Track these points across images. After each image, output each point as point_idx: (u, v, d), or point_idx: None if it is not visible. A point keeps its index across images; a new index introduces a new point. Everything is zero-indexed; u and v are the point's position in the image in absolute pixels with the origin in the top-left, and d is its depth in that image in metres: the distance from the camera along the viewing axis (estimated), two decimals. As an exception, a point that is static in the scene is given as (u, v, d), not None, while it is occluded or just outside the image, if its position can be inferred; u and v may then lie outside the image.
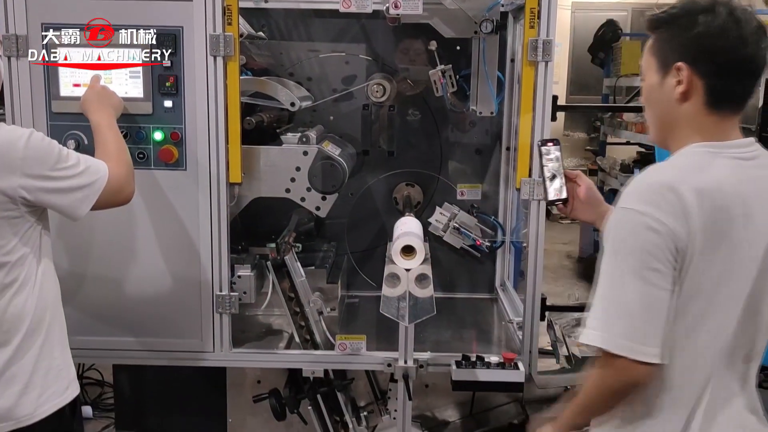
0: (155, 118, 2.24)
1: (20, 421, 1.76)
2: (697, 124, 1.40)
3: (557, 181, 1.79)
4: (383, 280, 2.08)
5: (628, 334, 1.32)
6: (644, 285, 1.31)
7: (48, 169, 1.72)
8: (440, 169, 2.97)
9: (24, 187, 1.69)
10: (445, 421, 2.70)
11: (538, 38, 2.18)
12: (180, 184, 2.27)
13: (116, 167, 1.87)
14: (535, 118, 2.22)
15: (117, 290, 2.33)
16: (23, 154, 1.68)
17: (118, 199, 1.89)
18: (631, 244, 1.31)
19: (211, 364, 2.39)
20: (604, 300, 1.36)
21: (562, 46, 10.14)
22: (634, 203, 1.32)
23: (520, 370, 2.27)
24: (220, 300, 2.33)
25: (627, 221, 1.33)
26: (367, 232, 3.00)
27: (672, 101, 1.41)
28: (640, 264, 1.31)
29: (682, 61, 1.38)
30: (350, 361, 2.38)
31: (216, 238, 2.30)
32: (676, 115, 1.42)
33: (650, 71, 1.46)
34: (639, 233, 1.31)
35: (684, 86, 1.38)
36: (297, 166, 2.36)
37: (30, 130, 1.73)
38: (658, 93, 1.44)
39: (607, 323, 1.34)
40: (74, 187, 1.77)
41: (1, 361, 1.74)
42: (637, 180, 1.37)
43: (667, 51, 1.41)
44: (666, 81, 1.41)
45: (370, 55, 2.91)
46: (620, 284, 1.33)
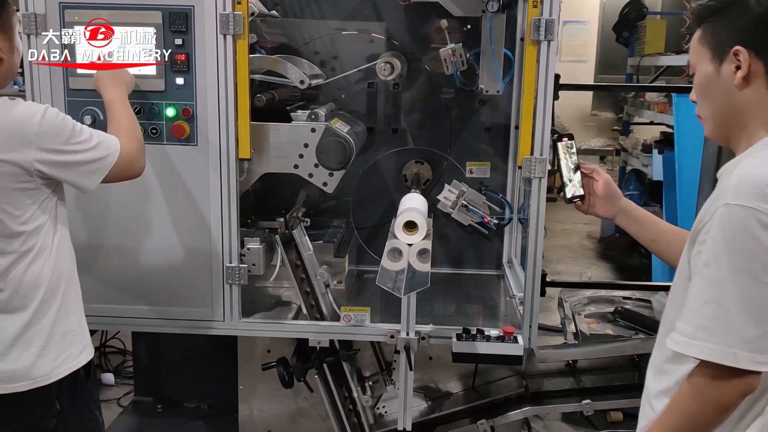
0: (167, 94, 2.31)
1: (37, 381, 1.87)
2: (764, 110, 1.37)
3: (575, 176, 1.75)
4: (384, 254, 2.13)
5: (745, 344, 1.23)
6: (762, 288, 1.24)
7: (61, 143, 1.81)
8: (450, 147, 3.01)
9: (39, 161, 1.78)
10: (448, 392, 2.77)
11: (541, 17, 2.20)
12: (191, 159, 2.35)
13: (128, 143, 1.95)
14: (537, 96, 2.25)
15: (132, 260, 2.43)
16: (38, 130, 1.77)
17: (129, 173, 1.98)
18: (746, 243, 1.23)
19: (220, 333, 2.48)
20: (710, 305, 1.26)
21: (591, 25, 10.07)
22: (745, 199, 1.24)
23: (519, 343, 2.32)
24: (229, 271, 2.41)
25: (739, 219, 1.24)
26: (377, 209, 3.04)
27: (732, 89, 1.38)
28: (757, 266, 1.23)
29: (739, 44, 1.35)
30: (354, 332, 2.46)
31: (226, 212, 2.38)
32: (739, 103, 1.38)
33: (703, 62, 1.42)
34: (754, 232, 1.23)
35: (744, 70, 1.35)
36: (305, 142, 2.42)
37: (45, 106, 1.82)
38: (716, 83, 1.41)
39: (718, 333, 1.24)
40: (86, 161, 1.86)
41: (19, 325, 1.85)
42: (742, 175, 1.29)
43: (721, 38, 1.38)
44: (723, 69, 1.38)
45: (383, 33, 2.95)
46: (732, 288, 1.24)
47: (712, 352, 1.24)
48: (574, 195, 1.73)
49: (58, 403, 1.91)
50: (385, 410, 2.76)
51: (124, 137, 1.96)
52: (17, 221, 1.81)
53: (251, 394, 2.82)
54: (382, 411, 2.76)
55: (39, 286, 1.87)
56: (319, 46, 2.96)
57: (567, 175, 1.72)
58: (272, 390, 2.78)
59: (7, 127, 1.76)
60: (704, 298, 1.26)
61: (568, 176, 1.72)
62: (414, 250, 2.16)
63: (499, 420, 2.65)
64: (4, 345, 1.84)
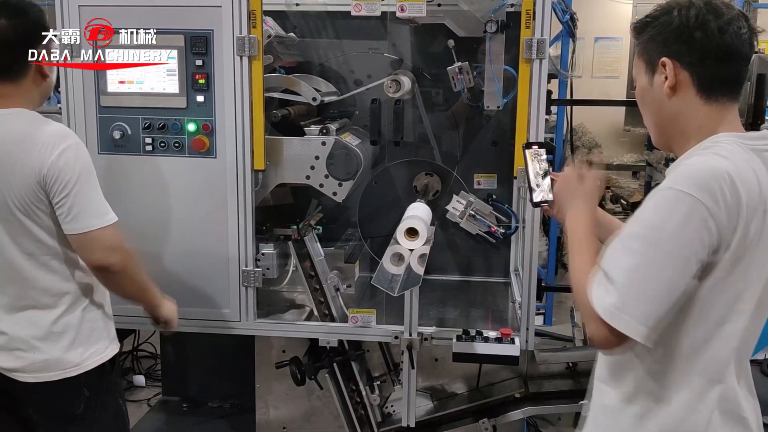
0: (189, 111, 2.52)
1: (67, 372, 2.03)
2: (697, 116, 1.43)
3: (543, 182, 1.80)
4: (386, 257, 2.28)
5: (643, 319, 1.30)
6: (677, 275, 1.30)
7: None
8: (458, 159, 3.16)
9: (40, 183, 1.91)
10: (453, 392, 2.90)
11: (533, 38, 2.36)
12: (211, 170, 2.54)
13: (119, 240, 2.01)
14: (531, 111, 2.40)
15: (156, 263, 2.60)
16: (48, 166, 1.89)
17: (96, 254, 1.97)
18: (679, 229, 1.28)
19: (237, 332, 2.66)
20: (630, 274, 1.31)
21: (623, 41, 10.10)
22: (691, 188, 1.28)
23: (515, 344, 2.45)
24: (245, 275, 2.59)
25: (681, 204, 1.28)
26: (389, 219, 3.18)
27: (663, 98, 1.45)
28: (681, 252, 1.28)
29: (665, 56, 1.43)
30: (361, 333, 2.62)
31: (242, 219, 2.56)
32: (671, 111, 1.45)
33: (640, 74, 1.50)
34: (690, 221, 1.27)
35: (671, 80, 1.42)
36: (316, 155, 2.59)
37: (67, 144, 1.93)
38: (650, 93, 1.48)
39: (628, 303, 1.30)
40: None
41: (50, 320, 2.01)
42: (690, 166, 1.33)
43: (651, 51, 1.46)
44: (655, 80, 1.46)
45: (395, 52, 3.12)
46: (654, 267, 1.30)
47: (613, 317, 1.31)
48: (542, 200, 1.79)
49: (85, 391, 2.07)
50: (393, 409, 2.90)
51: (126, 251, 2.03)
52: (47, 229, 1.96)
53: (267, 393, 2.99)
54: (390, 410, 2.91)
55: (69, 288, 2.03)
56: (335, 65, 3.14)
57: (534, 181, 1.79)
58: (287, 389, 2.93)
59: (27, 145, 1.90)
60: (623, 264, 1.32)
61: (536, 182, 1.79)
62: (415, 255, 2.31)
63: (500, 419, 2.76)
64: (36, 338, 2.00)
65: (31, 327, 2.01)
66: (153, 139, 2.54)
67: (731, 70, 1.43)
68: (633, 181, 9.63)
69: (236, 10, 2.43)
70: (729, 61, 1.41)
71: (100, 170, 2.21)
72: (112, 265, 1.97)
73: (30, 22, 1.96)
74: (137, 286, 2.11)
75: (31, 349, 2.00)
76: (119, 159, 2.56)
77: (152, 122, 2.53)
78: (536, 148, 1.82)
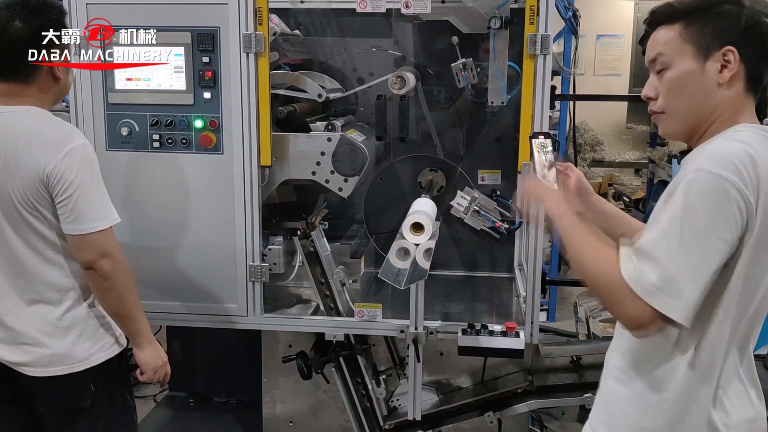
0: (196, 107, 2.54)
1: (74, 366, 2.03)
2: (737, 108, 1.43)
3: (549, 173, 1.80)
4: (392, 252, 2.30)
5: (685, 300, 1.30)
6: (715, 255, 1.30)
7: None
8: (462, 155, 3.18)
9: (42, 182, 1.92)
10: (458, 386, 2.92)
11: (537, 33, 2.37)
12: (218, 166, 2.57)
13: (116, 247, 1.99)
14: (535, 106, 2.42)
15: (164, 259, 2.65)
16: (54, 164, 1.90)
17: (88, 253, 1.96)
18: (715, 209, 1.28)
19: (244, 327, 2.68)
20: (670, 254, 1.31)
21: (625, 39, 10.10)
22: (714, 167, 1.29)
23: (520, 338, 2.47)
24: (252, 270, 2.61)
25: (705, 183, 1.29)
26: (395, 214, 3.19)
27: (713, 87, 1.42)
28: (716, 232, 1.29)
29: (729, 44, 1.39)
30: (367, 327, 2.64)
31: (249, 215, 2.58)
32: (717, 100, 1.43)
33: (684, 59, 1.44)
34: (723, 200, 1.28)
35: (733, 70, 1.40)
36: (322, 151, 2.61)
37: (73, 145, 1.92)
38: (698, 80, 1.43)
39: (669, 283, 1.30)
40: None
41: (57, 314, 2.02)
42: (713, 149, 1.34)
43: (708, 36, 1.42)
44: (708, 66, 1.42)
45: (400, 50, 3.14)
46: (693, 247, 1.30)
47: (643, 290, 1.30)
48: None
49: (92, 386, 2.08)
50: (398, 403, 2.92)
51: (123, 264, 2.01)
52: (51, 226, 1.97)
53: (274, 388, 3.01)
54: (396, 404, 2.93)
55: (74, 284, 2.04)
56: (340, 62, 3.17)
57: (540, 171, 1.80)
58: (294, 383, 2.97)
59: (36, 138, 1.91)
60: (661, 247, 1.31)
61: (542, 172, 1.80)
62: (421, 249, 2.33)
63: (505, 413, 2.79)
64: (43, 333, 2.01)
65: (38, 322, 2.02)
66: (160, 135, 2.56)
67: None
68: (636, 179, 9.64)
69: (242, 8, 2.45)
70: None
71: (108, 167, 2.25)
72: (100, 268, 1.96)
73: (46, 24, 1.94)
74: (123, 306, 2.04)
75: (38, 343, 2.01)
76: (127, 156, 2.59)
77: (160, 119, 2.55)
78: (542, 139, 1.84)
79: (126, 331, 2.13)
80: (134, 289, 2.06)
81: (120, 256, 2.00)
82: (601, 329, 3.66)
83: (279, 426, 3.04)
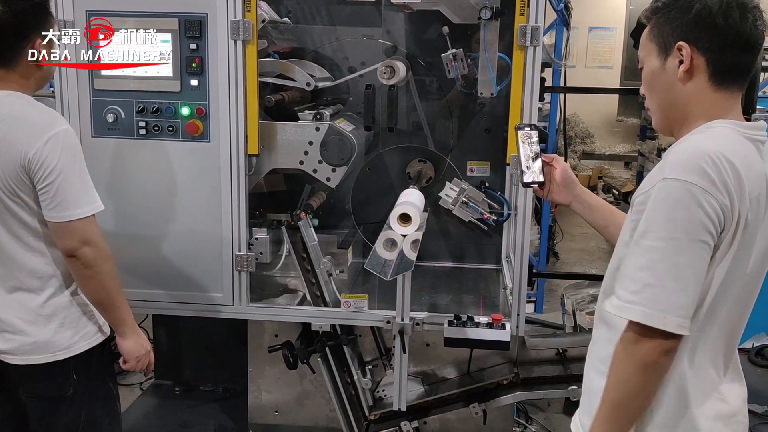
0: (183, 95, 2.51)
1: (56, 355, 2.03)
2: (705, 102, 1.44)
3: (534, 164, 1.84)
4: (379, 243, 2.29)
5: (675, 310, 1.31)
6: (699, 260, 1.32)
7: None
8: (452, 146, 3.17)
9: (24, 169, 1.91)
10: (444, 377, 2.92)
11: (527, 24, 2.36)
12: (204, 154, 2.54)
13: (100, 239, 1.98)
14: (524, 98, 2.41)
15: (150, 248, 2.63)
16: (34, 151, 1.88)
17: (69, 241, 1.94)
18: (677, 213, 1.30)
19: (230, 316, 2.67)
20: (644, 272, 1.34)
21: (617, 32, 10.11)
22: (680, 173, 1.31)
23: (506, 330, 2.47)
24: (238, 259, 2.60)
25: (673, 191, 1.31)
26: (382, 205, 3.18)
27: (675, 82, 1.45)
28: (689, 237, 1.30)
29: (682, 40, 1.43)
30: (354, 318, 2.63)
31: (236, 204, 2.56)
32: (681, 96, 1.46)
33: (650, 57, 1.50)
34: (686, 203, 1.30)
35: (686, 64, 1.43)
36: (310, 140, 2.60)
37: (56, 130, 1.91)
38: (661, 77, 1.48)
39: (651, 298, 1.32)
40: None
41: (38, 302, 2.01)
42: (680, 151, 1.36)
43: (666, 33, 1.46)
44: (668, 63, 1.46)
45: (390, 39, 3.12)
46: (663, 256, 1.32)
47: (644, 315, 1.32)
48: (532, 181, 1.83)
49: (75, 374, 2.08)
50: (384, 393, 2.92)
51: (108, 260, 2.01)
52: (33, 212, 1.96)
53: (260, 377, 3.01)
54: (381, 394, 2.93)
55: (56, 272, 2.03)
56: (329, 51, 3.14)
57: (525, 162, 1.82)
58: (279, 373, 2.96)
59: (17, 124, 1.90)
60: (639, 264, 1.35)
61: (526, 163, 1.82)
62: (408, 240, 2.32)
63: (491, 404, 2.79)
64: (25, 321, 2.01)
65: (19, 309, 2.01)
66: (147, 122, 2.53)
67: (746, 59, 1.44)
68: (625, 171, 9.68)
69: (231, -6, 2.43)
70: (747, 50, 1.43)
71: (93, 154, 2.23)
72: (82, 256, 1.94)
73: (29, 8, 1.92)
74: (105, 294, 2.03)
75: (19, 331, 2.01)
76: (113, 143, 2.56)
77: (146, 106, 2.52)
78: (528, 130, 1.85)
79: (109, 319, 2.12)
80: (116, 278, 2.04)
81: (102, 243, 1.98)
82: (588, 321, 3.66)
83: (264, 415, 3.03)
